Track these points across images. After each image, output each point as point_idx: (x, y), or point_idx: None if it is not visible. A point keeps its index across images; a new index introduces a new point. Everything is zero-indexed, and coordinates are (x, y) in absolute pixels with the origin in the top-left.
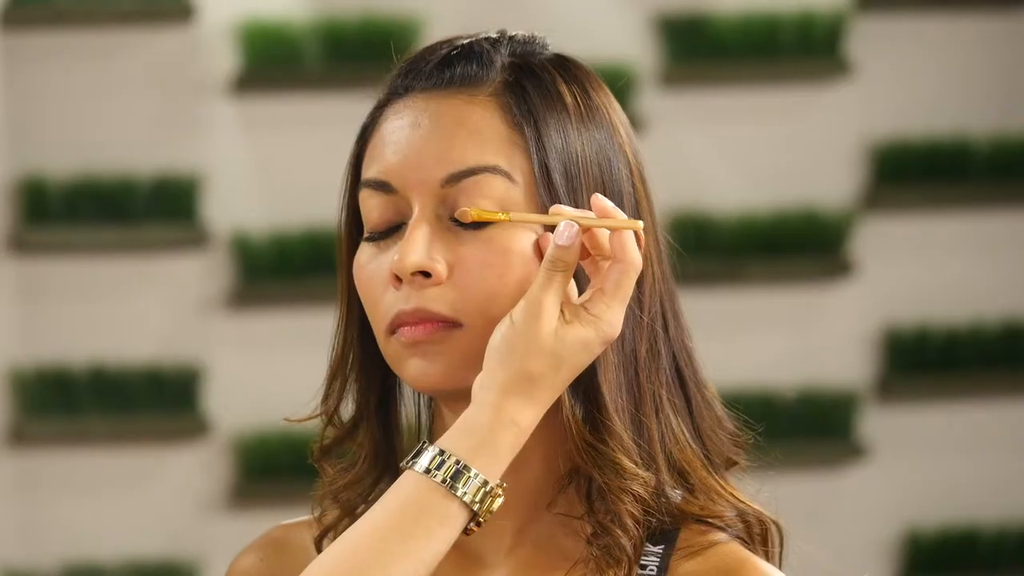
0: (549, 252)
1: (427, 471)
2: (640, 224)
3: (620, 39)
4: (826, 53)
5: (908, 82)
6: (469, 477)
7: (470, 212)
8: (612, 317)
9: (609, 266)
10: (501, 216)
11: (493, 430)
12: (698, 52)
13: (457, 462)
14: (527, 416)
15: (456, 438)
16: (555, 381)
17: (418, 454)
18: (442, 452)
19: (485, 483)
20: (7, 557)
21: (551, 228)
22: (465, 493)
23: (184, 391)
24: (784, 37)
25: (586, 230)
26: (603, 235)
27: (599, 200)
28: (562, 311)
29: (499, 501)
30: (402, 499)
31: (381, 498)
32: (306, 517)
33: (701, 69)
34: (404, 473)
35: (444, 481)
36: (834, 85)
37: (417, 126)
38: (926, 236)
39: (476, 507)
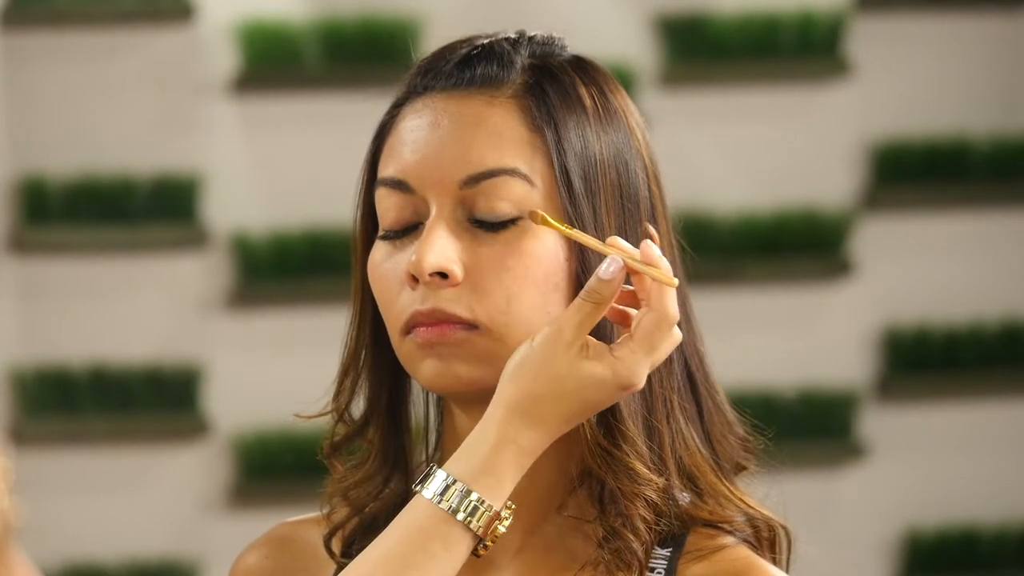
0: (589, 282)
1: (431, 495)
2: (675, 282)
3: (620, 39)
4: (826, 53)
5: (908, 82)
6: (471, 501)
7: (538, 216)
8: (634, 364)
9: (643, 313)
10: (564, 229)
11: (495, 450)
12: (698, 52)
13: (460, 487)
14: (529, 438)
15: (461, 459)
16: (561, 409)
17: (425, 477)
18: (446, 476)
19: (487, 506)
20: None
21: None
22: (467, 517)
23: (184, 391)
24: (784, 37)
25: (635, 272)
26: (646, 282)
27: (648, 248)
28: (587, 345)
29: (506, 522)
30: (408, 525)
31: (392, 522)
32: (312, 515)
33: (701, 69)
34: (413, 497)
35: (447, 507)
36: (834, 85)
37: (436, 126)
38: (926, 236)
39: (479, 530)
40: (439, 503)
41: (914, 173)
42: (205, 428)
